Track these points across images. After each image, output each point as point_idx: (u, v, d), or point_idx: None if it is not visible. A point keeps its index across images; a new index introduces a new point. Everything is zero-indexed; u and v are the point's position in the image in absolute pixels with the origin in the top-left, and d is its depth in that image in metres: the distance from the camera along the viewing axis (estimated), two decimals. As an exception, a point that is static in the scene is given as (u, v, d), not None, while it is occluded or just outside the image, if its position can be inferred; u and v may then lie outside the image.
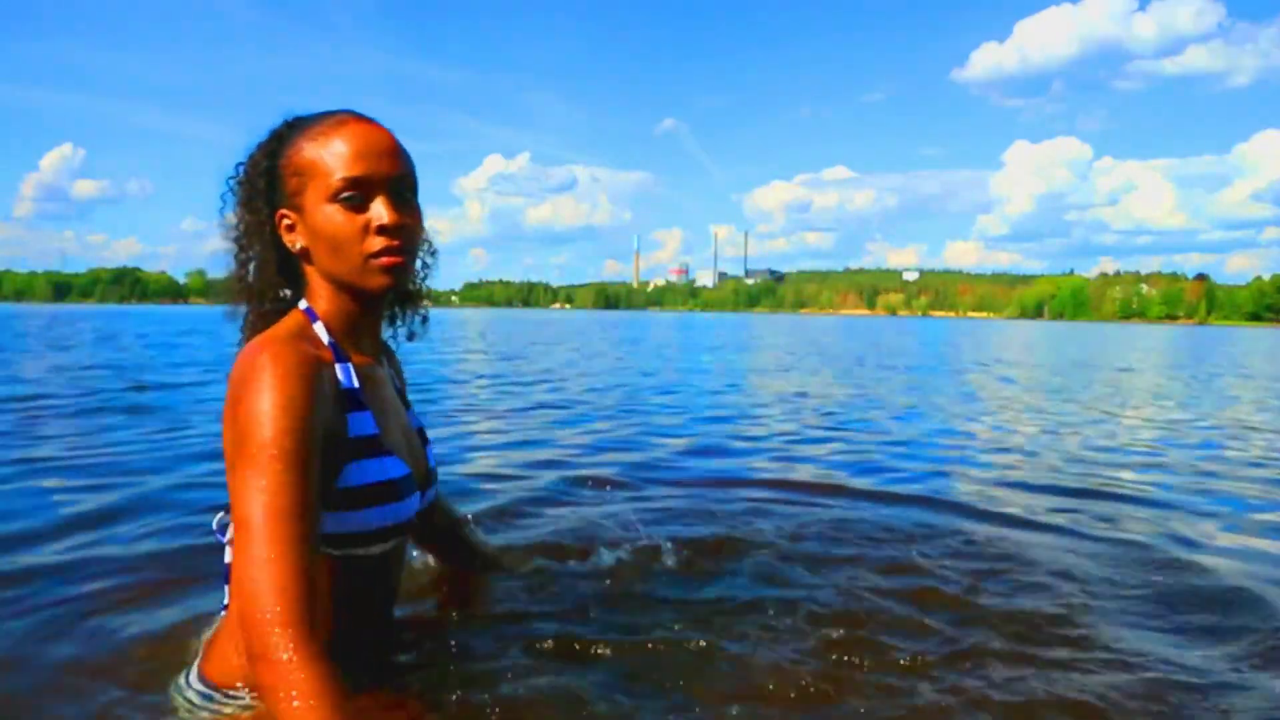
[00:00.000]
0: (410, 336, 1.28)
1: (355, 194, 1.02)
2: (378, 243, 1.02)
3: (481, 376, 7.56)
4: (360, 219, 1.02)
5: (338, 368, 1.04)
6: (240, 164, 1.11)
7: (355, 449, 1.02)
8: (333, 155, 1.02)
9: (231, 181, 1.11)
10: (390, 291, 1.07)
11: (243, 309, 1.14)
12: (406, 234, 1.05)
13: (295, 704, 0.80)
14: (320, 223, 1.02)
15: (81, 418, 4.13)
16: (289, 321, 1.06)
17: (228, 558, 1.13)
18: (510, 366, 9.01)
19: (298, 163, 1.04)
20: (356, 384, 1.05)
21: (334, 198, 1.01)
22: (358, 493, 1.01)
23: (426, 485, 1.21)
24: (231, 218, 1.11)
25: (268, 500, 0.87)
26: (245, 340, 1.10)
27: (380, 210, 1.02)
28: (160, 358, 8.71)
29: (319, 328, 1.07)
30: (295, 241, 1.07)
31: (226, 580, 1.12)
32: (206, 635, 1.18)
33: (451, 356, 10.25)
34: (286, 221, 1.07)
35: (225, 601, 1.14)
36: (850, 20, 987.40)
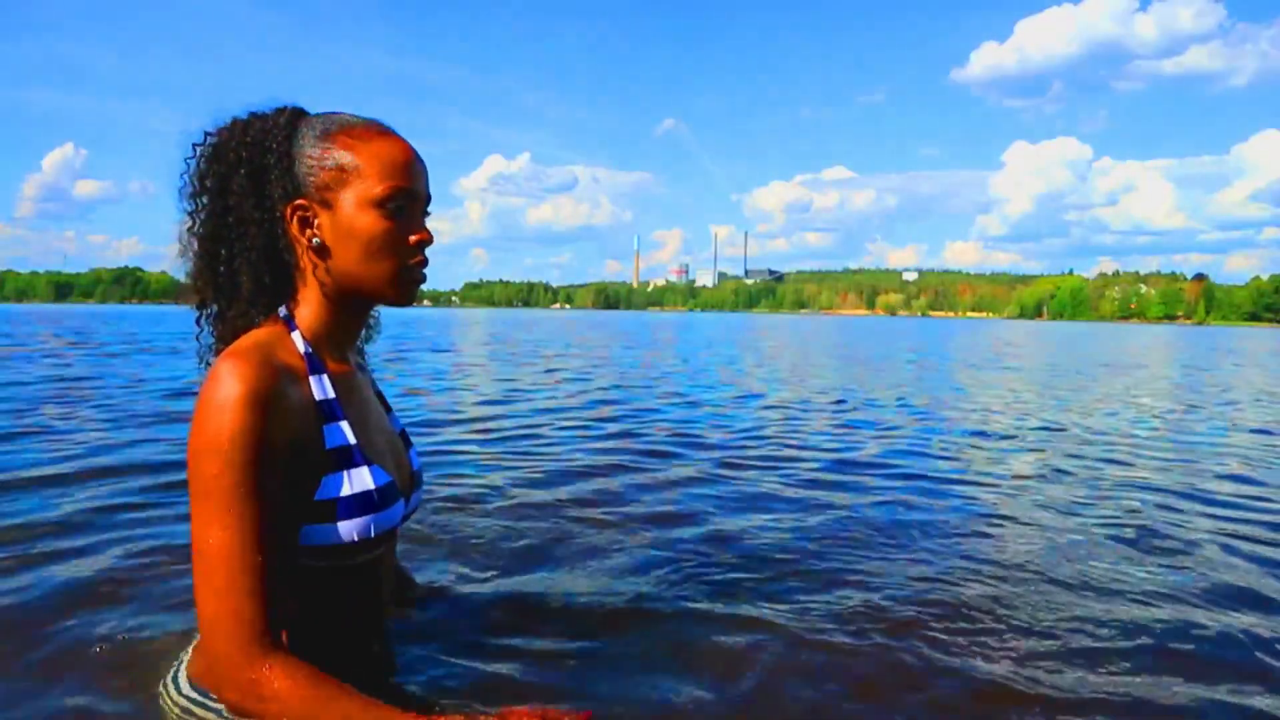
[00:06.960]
0: (366, 339, 1.26)
1: (402, 205, 1.02)
2: (417, 256, 1.05)
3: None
4: (402, 230, 1.03)
5: (312, 380, 1.01)
6: (217, 141, 1.03)
7: (333, 460, 1.00)
8: (384, 161, 1.01)
9: (209, 161, 1.03)
10: (405, 304, 1.07)
11: (202, 311, 1.06)
12: None
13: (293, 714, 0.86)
14: (361, 225, 1.00)
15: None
16: (261, 332, 1.01)
17: None
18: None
19: (335, 156, 1.01)
20: (332, 394, 1.02)
21: (380, 203, 1.00)
22: (339, 504, 0.99)
23: (411, 490, 1.19)
24: (208, 200, 1.02)
25: (226, 532, 0.87)
26: (218, 349, 1.05)
27: (425, 226, 1.06)
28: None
29: (296, 337, 1.03)
30: (312, 235, 1.02)
31: None
32: (197, 640, 1.09)
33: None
34: (302, 214, 1.02)
35: None
36: (850, 20, 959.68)
